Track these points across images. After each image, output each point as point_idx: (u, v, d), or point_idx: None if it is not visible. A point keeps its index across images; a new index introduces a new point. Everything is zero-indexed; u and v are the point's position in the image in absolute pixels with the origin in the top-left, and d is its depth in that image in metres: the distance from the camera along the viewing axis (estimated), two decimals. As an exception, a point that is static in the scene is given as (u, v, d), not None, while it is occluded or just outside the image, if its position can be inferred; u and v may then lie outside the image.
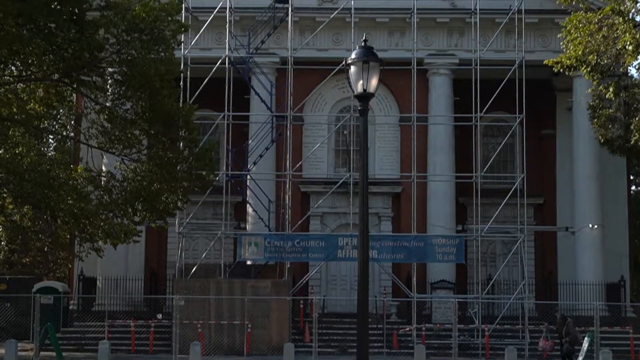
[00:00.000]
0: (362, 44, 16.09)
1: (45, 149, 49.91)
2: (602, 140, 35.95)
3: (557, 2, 34.52)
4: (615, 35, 29.99)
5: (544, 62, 31.57)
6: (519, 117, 39.60)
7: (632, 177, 54.56)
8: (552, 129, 45.46)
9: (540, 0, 41.58)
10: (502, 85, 39.21)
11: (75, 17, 26.62)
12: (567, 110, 43.60)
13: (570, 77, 39.72)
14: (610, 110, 34.85)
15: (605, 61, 30.98)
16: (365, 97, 15.85)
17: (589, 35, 30.65)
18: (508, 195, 39.54)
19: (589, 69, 31.31)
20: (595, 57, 30.70)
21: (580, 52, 30.79)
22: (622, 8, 29.80)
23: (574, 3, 33.30)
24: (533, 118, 43.06)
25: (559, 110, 45.00)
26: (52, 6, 25.90)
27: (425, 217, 41.70)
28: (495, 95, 38.96)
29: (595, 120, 35.45)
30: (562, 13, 36.22)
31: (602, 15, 30.52)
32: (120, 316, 38.16)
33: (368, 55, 15.72)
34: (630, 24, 29.22)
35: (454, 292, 40.35)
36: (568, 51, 31.60)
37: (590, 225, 40.90)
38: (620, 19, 29.69)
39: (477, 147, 40.26)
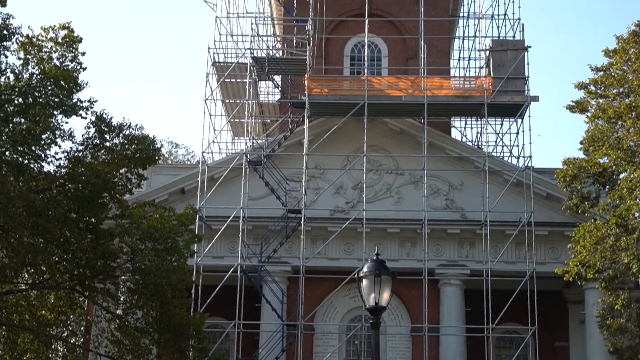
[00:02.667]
0: (374, 257, 16.20)
1: (54, 355, 49.32)
2: (612, 349, 35.63)
3: (563, 208, 35.05)
4: (622, 247, 30.37)
5: (555, 272, 31.74)
6: (531, 329, 39.34)
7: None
8: (565, 341, 44.93)
9: (550, 213, 42.02)
10: (513, 296, 39.18)
11: (90, 226, 27.02)
12: (579, 322, 43.34)
13: (582, 289, 39.78)
14: (622, 320, 34.72)
15: (613, 271, 31.26)
16: (377, 311, 15.85)
17: (595, 243, 31.07)
18: (522, 410, 38.79)
19: (596, 275, 31.56)
20: (600, 263, 30.97)
21: (585, 258, 31.13)
22: (628, 222, 30.26)
23: (583, 214, 33.86)
24: (546, 330, 42.73)
25: (571, 322, 44.67)
26: (68, 215, 26.27)
27: None
28: (507, 306, 38.85)
29: (604, 328, 35.32)
30: (572, 225, 36.49)
31: (608, 228, 31.02)
32: None
33: (380, 269, 15.82)
34: (632, 239, 29.63)
35: None
36: (575, 258, 31.94)
37: None
38: (624, 230, 30.16)
39: (490, 358, 39.81)
